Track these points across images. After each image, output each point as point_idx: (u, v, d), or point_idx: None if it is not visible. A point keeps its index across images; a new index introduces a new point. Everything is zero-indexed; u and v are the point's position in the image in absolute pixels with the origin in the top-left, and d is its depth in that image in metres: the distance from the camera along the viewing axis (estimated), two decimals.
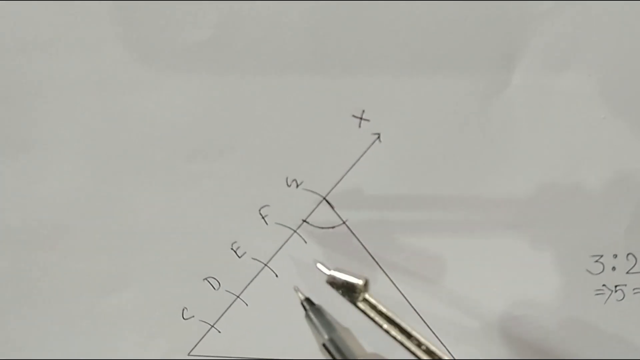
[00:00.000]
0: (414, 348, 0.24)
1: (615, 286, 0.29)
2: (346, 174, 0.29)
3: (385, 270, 0.30)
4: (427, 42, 0.27)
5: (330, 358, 0.24)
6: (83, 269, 0.32)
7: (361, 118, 0.28)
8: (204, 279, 0.32)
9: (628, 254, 0.28)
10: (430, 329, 0.30)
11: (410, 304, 0.30)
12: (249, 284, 0.31)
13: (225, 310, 0.32)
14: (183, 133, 0.29)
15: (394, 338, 0.25)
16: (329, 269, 0.26)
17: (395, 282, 0.30)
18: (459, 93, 0.27)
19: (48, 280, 0.32)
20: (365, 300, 0.25)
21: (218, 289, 0.32)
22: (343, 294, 0.26)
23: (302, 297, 0.29)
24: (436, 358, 0.24)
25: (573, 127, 0.27)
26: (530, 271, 0.29)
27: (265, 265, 0.31)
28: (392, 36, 0.27)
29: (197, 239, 0.31)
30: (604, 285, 0.29)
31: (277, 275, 0.31)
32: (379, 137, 0.28)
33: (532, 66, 0.27)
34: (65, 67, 0.28)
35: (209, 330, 0.32)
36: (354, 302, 0.25)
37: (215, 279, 0.32)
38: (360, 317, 0.26)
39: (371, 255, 0.30)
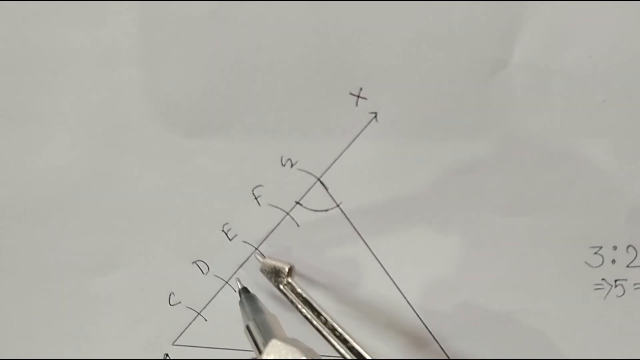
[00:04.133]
0: (320, 327, 0.28)
1: (615, 280, 0.28)
2: (341, 154, 0.28)
3: (377, 257, 0.29)
4: (426, 19, 0.27)
5: (251, 338, 0.26)
6: (72, 247, 0.31)
7: (358, 96, 0.28)
8: (193, 262, 0.31)
9: (628, 246, 0.27)
10: (420, 319, 0.29)
11: (402, 293, 0.29)
12: (237, 269, 0.31)
13: (213, 297, 0.31)
14: (182, 109, 0.29)
15: (306, 317, 0.28)
16: (264, 257, 0.30)
17: (387, 270, 0.29)
18: (458, 72, 0.27)
19: (36, 257, 0.32)
20: (288, 284, 0.29)
21: (207, 273, 0.31)
22: (270, 278, 0.29)
23: (240, 287, 0.30)
24: (338, 334, 0.27)
25: (572, 110, 0.27)
26: (527, 262, 0.28)
27: (256, 249, 0.30)
28: (391, 13, 0.27)
29: (189, 218, 0.30)
30: (603, 279, 0.28)
31: None
32: (375, 116, 0.28)
33: (532, 45, 0.26)
34: (64, 39, 0.28)
35: (195, 318, 0.32)
36: (277, 286, 0.29)
37: (204, 262, 0.31)
38: None
39: (364, 241, 0.29)
